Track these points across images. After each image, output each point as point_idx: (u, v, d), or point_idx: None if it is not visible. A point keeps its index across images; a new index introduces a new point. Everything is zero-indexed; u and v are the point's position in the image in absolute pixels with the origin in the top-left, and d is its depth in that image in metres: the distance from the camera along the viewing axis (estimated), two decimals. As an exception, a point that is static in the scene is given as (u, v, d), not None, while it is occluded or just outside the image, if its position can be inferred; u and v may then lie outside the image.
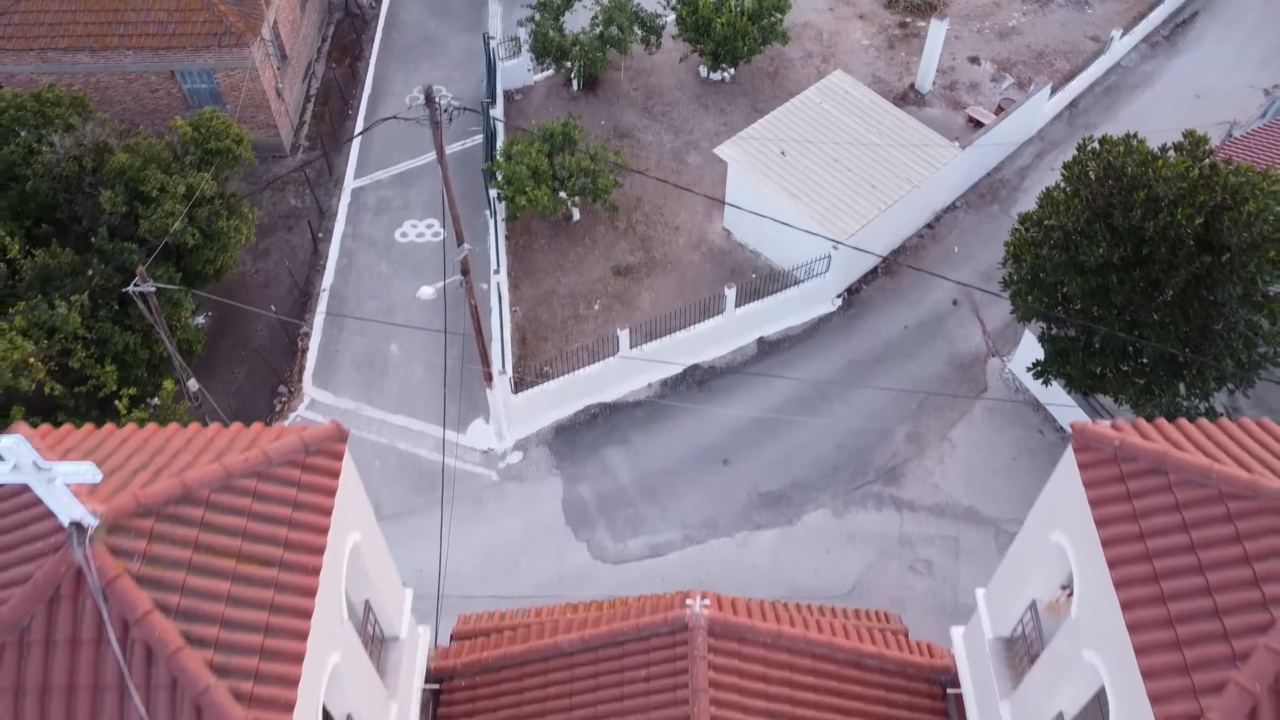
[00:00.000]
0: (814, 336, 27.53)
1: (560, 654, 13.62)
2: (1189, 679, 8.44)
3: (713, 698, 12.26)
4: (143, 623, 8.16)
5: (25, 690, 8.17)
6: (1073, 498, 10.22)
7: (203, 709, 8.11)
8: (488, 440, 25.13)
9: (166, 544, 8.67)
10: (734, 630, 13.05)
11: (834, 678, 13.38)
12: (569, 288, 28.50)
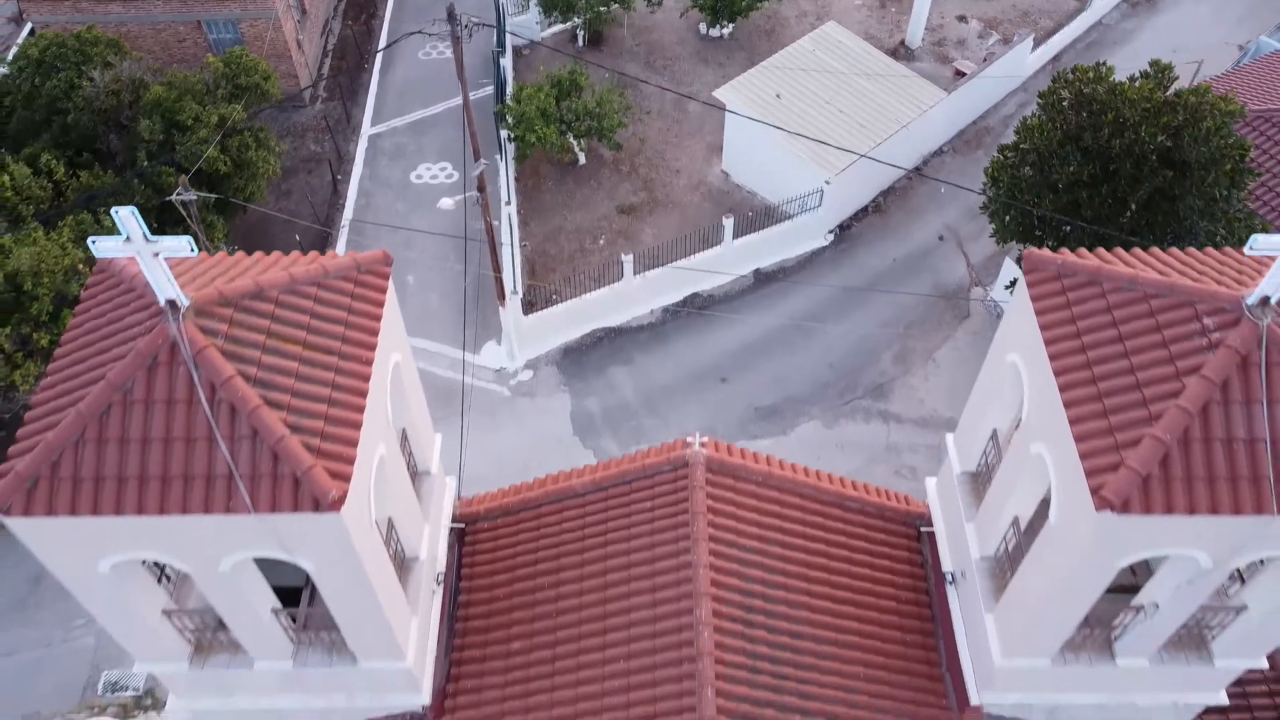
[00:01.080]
0: (807, 268, 28.99)
1: (574, 494, 15.07)
2: (1113, 438, 9.88)
3: (709, 522, 13.69)
4: (227, 385, 9.60)
5: (129, 440, 9.61)
6: (1024, 316, 11.65)
7: (278, 456, 9.56)
8: (500, 360, 26.60)
9: (244, 329, 10.11)
10: (729, 468, 14.49)
11: (819, 514, 14.81)
12: (575, 225, 29.94)
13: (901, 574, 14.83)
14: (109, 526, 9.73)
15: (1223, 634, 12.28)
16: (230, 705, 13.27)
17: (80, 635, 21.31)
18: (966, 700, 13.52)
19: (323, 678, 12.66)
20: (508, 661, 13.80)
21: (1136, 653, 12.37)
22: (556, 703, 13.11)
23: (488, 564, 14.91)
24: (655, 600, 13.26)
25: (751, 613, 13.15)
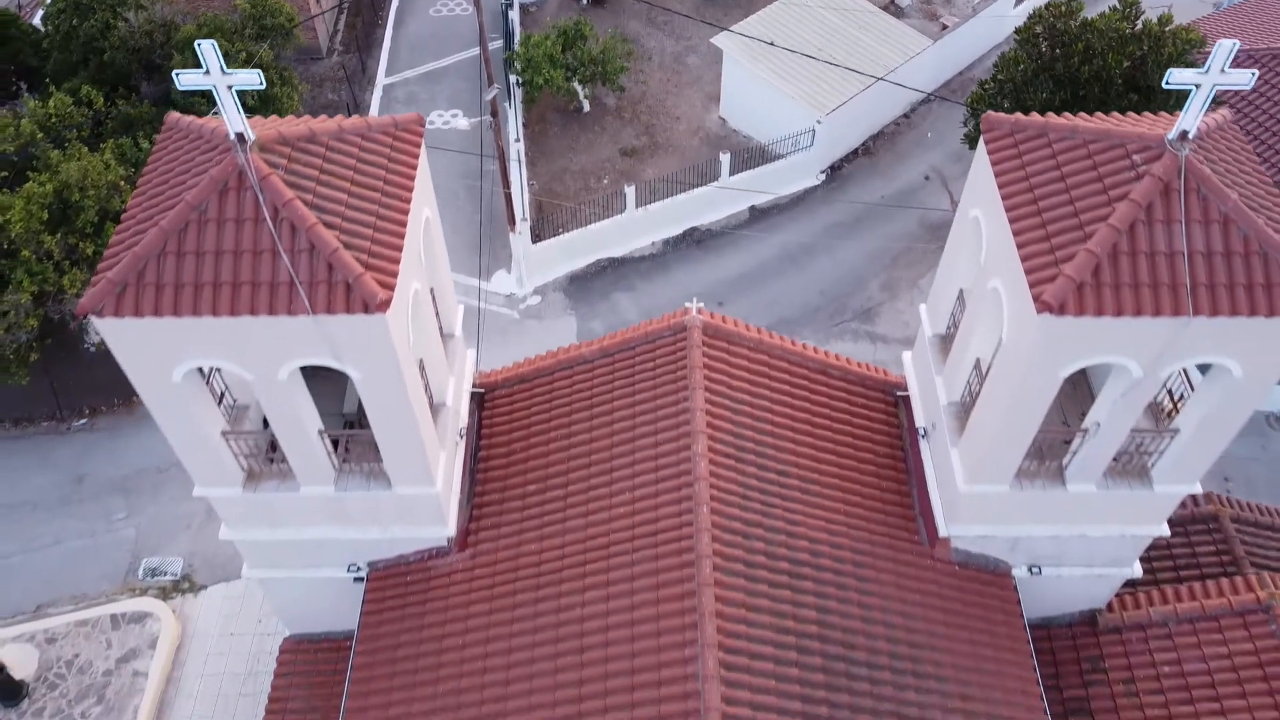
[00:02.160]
0: (800, 205, 30.46)
1: (583, 361, 16.55)
2: (1053, 255, 11.35)
3: (706, 376, 15.17)
4: (288, 206, 11.07)
5: (204, 252, 11.07)
6: (983, 172, 13.11)
7: (333, 266, 11.04)
8: (510, 286, 28.08)
9: (300, 164, 11.58)
10: (725, 333, 15.97)
11: (804, 378, 16.29)
12: (580, 166, 31.41)
13: (879, 432, 16.30)
14: (185, 329, 11.21)
15: (1160, 460, 13.75)
16: (277, 536, 14.77)
17: (121, 527, 22.82)
18: (936, 534, 15.02)
19: (360, 504, 14.15)
20: (524, 502, 15.29)
21: (1085, 478, 13.84)
22: (568, 531, 14.60)
23: (505, 423, 16.39)
24: (657, 442, 14.74)
25: (743, 451, 14.63)
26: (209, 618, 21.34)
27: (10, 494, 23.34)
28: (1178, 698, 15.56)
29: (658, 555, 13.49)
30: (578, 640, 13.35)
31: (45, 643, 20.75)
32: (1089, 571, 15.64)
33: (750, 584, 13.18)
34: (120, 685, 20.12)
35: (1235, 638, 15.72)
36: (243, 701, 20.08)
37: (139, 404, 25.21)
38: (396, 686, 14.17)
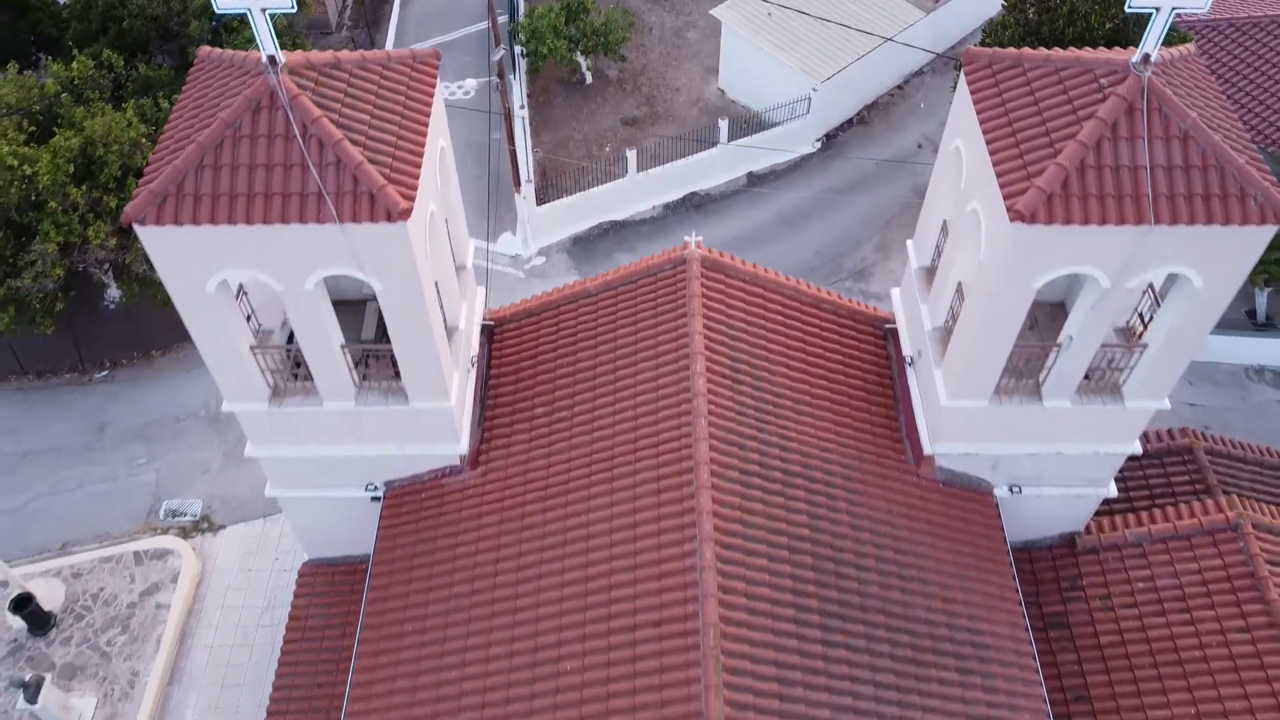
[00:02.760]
0: (796, 171, 31.32)
1: (587, 294, 17.41)
2: (1025, 170, 12.22)
3: (704, 303, 16.02)
4: (317, 123, 11.93)
5: (239, 166, 11.93)
6: (964, 105, 13.97)
7: (358, 179, 11.90)
8: (515, 248, 28.95)
9: (327, 87, 12.45)
10: (722, 266, 16.84)
11: (798, 310, 17.14)
12: (583, 135, 32.27)
13: (868, 362, 17.18)
14: (220, 238, 12.07)
15: (1130, 376, 14.62)
16: (299, 453, 15.64)
17: (142, 472, 23.70)
18: (921, 453, 15.89)
19: (379, 420, 15.01)
20: (532, 424, 16.16)
21: (1060, 394, 14.70)
22: (575, 447, 15.47)
23: (514, 354, 17.26)
24: (658, 364, 15.60)
25: (738, 373, 15.49)
26: (228, 555, 22.23)
27: (36, 440, 24.22)
28: (1150, 610, 16.44)
29: (659, 464, 14.35)
30: (583, 543, 14.22)
31: (71, 577, 21.63)
32: (1067, 491, 16.49)
33: (745, 489, 14.04)
34: (144, 616, 21.01)
35: (1205, 555, 16.59)
36: (261, 632, 20.95)
37: (157, 358, 26.12)
38: (413, 592, 15.03)
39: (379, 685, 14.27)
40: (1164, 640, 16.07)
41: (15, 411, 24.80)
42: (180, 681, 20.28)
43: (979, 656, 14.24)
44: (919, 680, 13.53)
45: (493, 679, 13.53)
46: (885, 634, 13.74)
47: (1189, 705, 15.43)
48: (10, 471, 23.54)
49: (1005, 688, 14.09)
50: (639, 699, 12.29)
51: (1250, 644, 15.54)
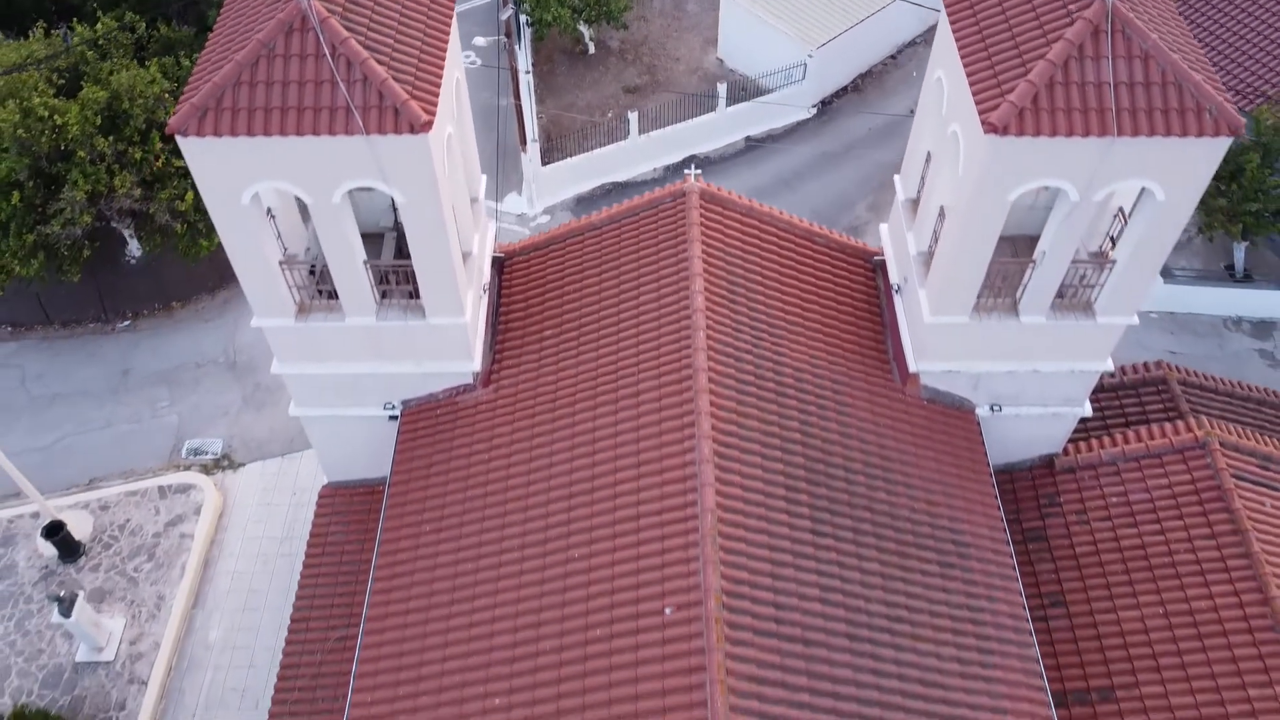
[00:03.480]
0: (792, 135, 32.31)
1: (592, 227, 18.40)
2: (999, 87, 13.20)
3: (702, 231, 17.00)
4: (345, 44, 12.89)
5: (273, 82, 12.90)
6: (944, 35, 14.96)
7: (383, 94, 12.88)
8: (521, 207, 29.95)
9: (354, 11, 13.44)
10: (719, 199, 17.82)
11: (791, 242, 18.13)
12: (585, 101, 33.24)
13: (858, 290, 18.17)
14: (255, 150, 13.05)
15: (1101, 293, 15.60)
16: (323, 370, 16.63)
17: (165, 414, 24.70)
18: (907, 372, 16.89)
19: (397, 336, 16.00)
20: (541, 345, 17.15)
21: (1035, 310, 15.69)
22: (581, 363, 16.46)
23: (522, 282, 18.25)
24: (659, 285, 16.59)
25: (734, 293, 16.48)
26: (248, 490, 23.23)
27: (63, 384, 25.21)
28: (1123, 522, 17.44)
29: (660, 373, 15.35)
30: (589, 446, 15.22)
31: (99, 510, 22.63)
32: (1044, 410, 17.48)
33: (740, 395, 15.04)
34: (169, 545, 22.01)
35: (1175, 471, 17.60)
36: (280, 560, 21.95)
37: (177, 309, 27.12)
38: (430, 499, 16.02)
39: (398, 587, 15.21)
40: (1135, 549, 17.07)
41: (43, 358, 25.79)
42: (204, 605, 21.29)
43: (958, 553, 15.24)
44: (902, 570, 14.53)
45: (505, 569, 14.53)
46: (870, 528, 14.73)
47: (1158, 606, 16.44)
48: (39, 413, 24.54)
49: (983, 581, 15.09)
50: (642, 577, 13.29)
51: (1215, 549, 16.54)
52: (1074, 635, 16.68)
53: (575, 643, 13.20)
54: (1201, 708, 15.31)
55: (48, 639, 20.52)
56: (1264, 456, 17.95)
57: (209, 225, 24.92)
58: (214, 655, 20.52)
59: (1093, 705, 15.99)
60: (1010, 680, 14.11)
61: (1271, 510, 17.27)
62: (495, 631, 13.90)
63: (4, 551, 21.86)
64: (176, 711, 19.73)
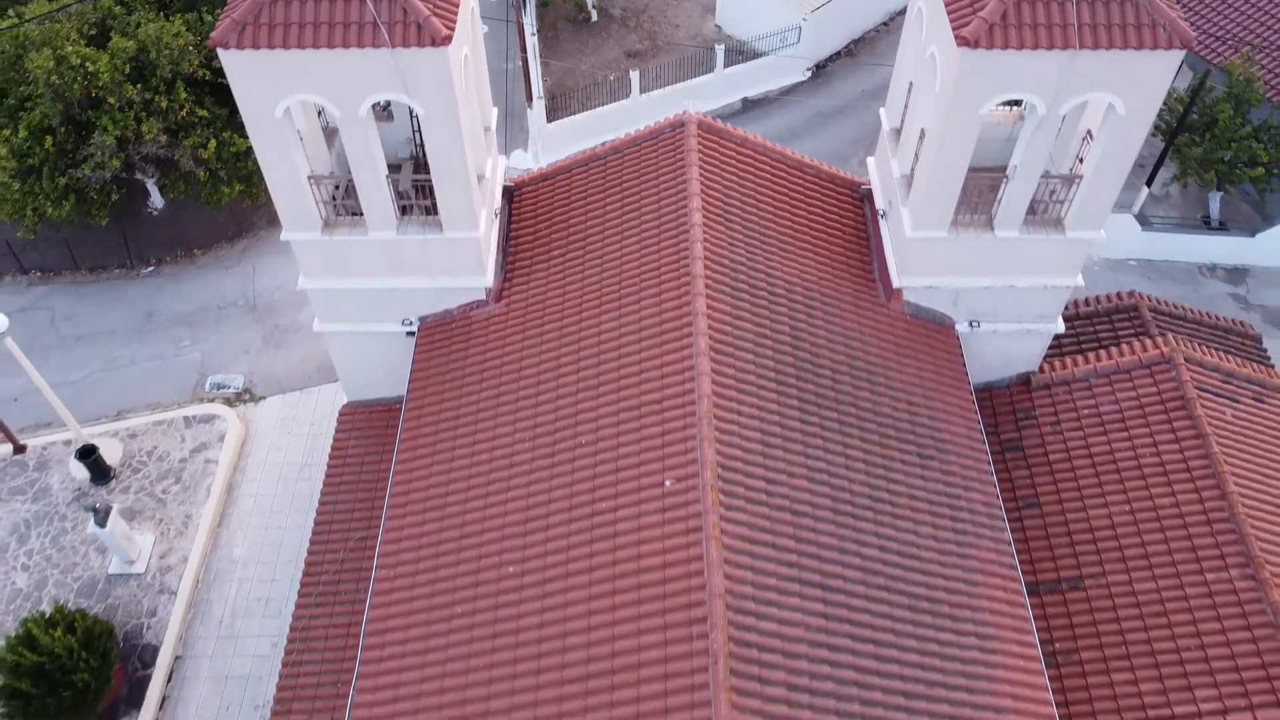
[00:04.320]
0: (788, 96, 33.50)
1: (596, 158, 19.58)
2: (971, 7, 14.38)
3: (700, 158, 18.15)
4: (372, -36, 14.09)
5: (305, 0, 14.11)
6: (924, -33, 16.13)
7: (406, 10, 14.03)
8: (526, 162, 31.13)
9: (378, -62, 14.59)
10: (716, 129, 18.99)
11: (783, 172, 19.30)
12: (588, 65, 34.43)
13: (846, 217, 19.33)
14: (289, 62, 14.20)
15: (1069, 209, 16.77)
16: (345, 284, 17.81)
17: (188, 352, 25.88)
18: (891, 288, 18.06)
19: (416, 250, 17.16)
20: (549, 264, 18.32)
21: (1009, 224, 16.85)
22: (586, 279, 17.62)
23: (531, 209, 19.42)
24: (659, 206, 17.75)
25: (730, 213, 17.65)
26: (268, 421, 24.41)
27: (90, 325, 26.39)
28: (1094, 431, 18.61)
29: (660, 281, 16.52)
30: (595, 348, 16.39)
31: (128, 438, 23.82)
32: (1020, 327, 18.63)
33: (735, 300, 16.22)
34: (195, 469, 23.21)
35: (1143, 384, 18.77)
36: (300, 485, 23.13)
37: (199, 256, 28.29)
38: (446, 404, 17.18)
39: (416, 485, 16.35)
40: (1104, 455, 18.25)
41: (71, 300, 26.97)
42: (228, 524, 22.47)
43: (937, 448, 16.43)
44: (883, 458, 15.71)
45: (518, 458, 15.70)
46: (855, 420, 15.92)
47: (1124, 504, 17.62)
48: (69, 350, 25.71)
49: (959, 473, 16.27)
50: (644, 455, 14.48)
51: (1178, 452, 17.72)
52: (1046, 533, 17.85)
53: (583, 515, 14.39)
54: (1163, 592, 16.49)
55: (82, 554, 21.70)
56: (1226, 372, 19.14)
57: (230, 173, 26.14)
58: (239, 569, 21.70)
59: (1063, 594, 17.17)
60: (983, 559, 15.30)
61: (1232, 419, 18.47)
62: (509, 511, 15.08)
63: (39, 475, 23.03)
64: (204, 619, 20.91)
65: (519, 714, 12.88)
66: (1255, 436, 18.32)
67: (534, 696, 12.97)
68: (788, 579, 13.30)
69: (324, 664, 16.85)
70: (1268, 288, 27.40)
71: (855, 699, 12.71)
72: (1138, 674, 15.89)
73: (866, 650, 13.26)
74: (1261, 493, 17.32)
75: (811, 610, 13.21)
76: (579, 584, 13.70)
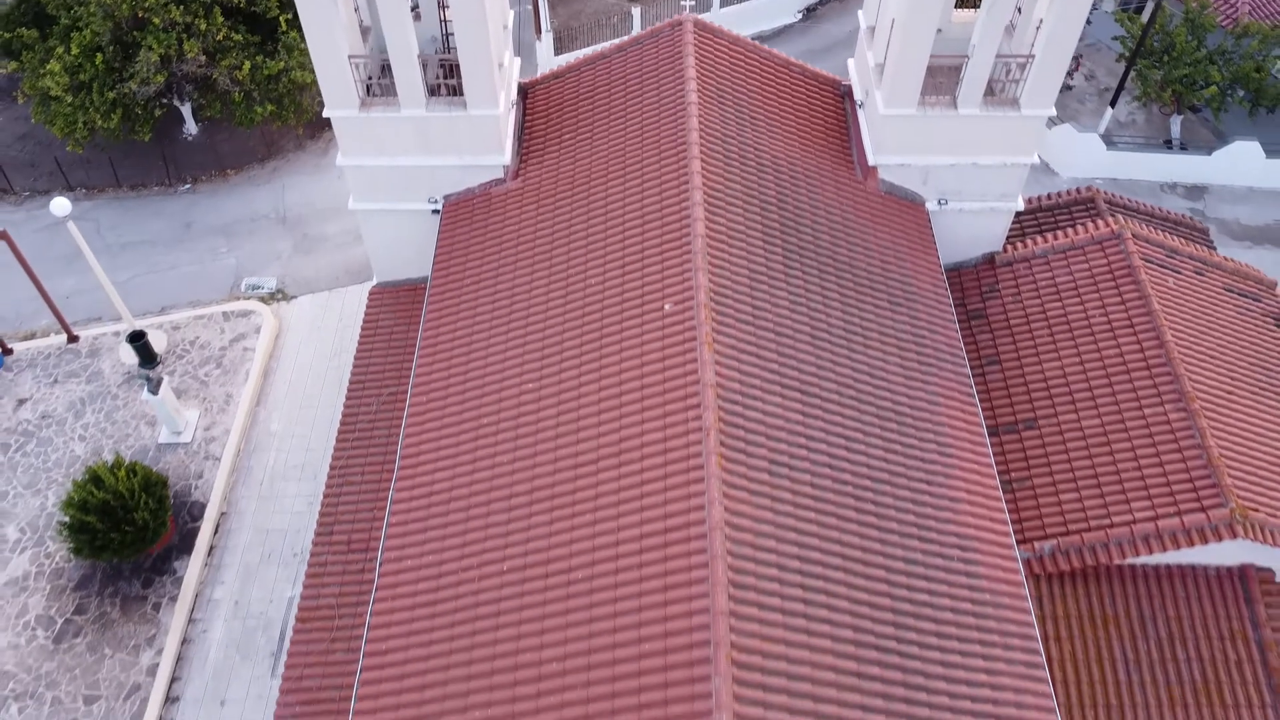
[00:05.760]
0: (780, 36, 35.48)
1: (601, 57, 21.55)
2: (933, -107, 16.38)
3: (696, 55, 20.12)
4: None
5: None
6: None
7: (440, -105, 16.02)
8: (535, 94, 33.08)
9: None
10: (711, 29, 20.94)
11: (772, 69, 21.29)
12: (593, 9, 36.38)
13: (829, 111, 21.30)
14: (337, -58, 16.20)
15: (1023, 88, 18.74)
16: (379, 162, 19.78)
17: (224, 257, 27.88)
18: (867, 166, 20.05)
19: (443, 127, 19.13)
20: (560, 146, 20.28)
21: (970, 102, 18.82)
22: (595, 154, 19.59)
23: (544, 103, 21.38)
24: (660, 90, 19.71)
25: (723, 96, 19.61)
26: (300, 317, 26.40)
27: (133, 234, 28.38)
28: (1050, 297, 20.60)
29: (660, 151, 18.49)
30: (602, 219, 18.32)
31: (171, 330, 25.82)
32: (983, 205, 20.60)
33: (726, 167, 18.19)
34: (234, 356, 25.22)
35: (1094, 257, 20.77)
36: (330, 371, 25.13)
37: (232, 175, 30.27)
38: (469, 268, 19.15)
39: (441, 344, 18.23)
40: (1059, 316, 20.25)
41: (114, 213, 28.96)
42: (265, 403, 24.47)
43: (906, 296, 18.42)
44: (857, 301, 17.69)
45: (535, 303, 17.66)
46: (833, 270, 17.91)
47: (1075, 357, 19.59)
48: (114, 256, 27.69)
49: (926, 319, 18.26)
50: (645, 285, 16.45)
51: (1124, 312, 19.70)
52: (1006, 384, 19.86)
53: (593, 337, 16.40)
54: (1107, 427, 18.48)
55: (133, 426, 23.71)
56: (1170, 249, 21.16)
57: (262, 94, 28.11)
58: (276, 441, 23.70)
59: (1019, 434, 19.18)
60: (944, 387, 17.30)
61: (1173, 287, 20.48)
62: (528, 344, 17.03)
63: (91, 361, 25.03)
64: (246, 481, 22.93)
65: (539, 493, 14.89)
66: (1194, 301, 20.33)
67: (551, 480, 14.98)
68: (770, 382, 15.32)
69: (360, 494, 18.85)
70: (1223, 202, 29.39)
71: (829, 478, 14.73)
72: (1083, 494, 17.89)
73: (838, 443, 15.28)
74: (1196, 344, 19.34)
75: (791, 408, 15.22)
76: (590, 390, 15.70)
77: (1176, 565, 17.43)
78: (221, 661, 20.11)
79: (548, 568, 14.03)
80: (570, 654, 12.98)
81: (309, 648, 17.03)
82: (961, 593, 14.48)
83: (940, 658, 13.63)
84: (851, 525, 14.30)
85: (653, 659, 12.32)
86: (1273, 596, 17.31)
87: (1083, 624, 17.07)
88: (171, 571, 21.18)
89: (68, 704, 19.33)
